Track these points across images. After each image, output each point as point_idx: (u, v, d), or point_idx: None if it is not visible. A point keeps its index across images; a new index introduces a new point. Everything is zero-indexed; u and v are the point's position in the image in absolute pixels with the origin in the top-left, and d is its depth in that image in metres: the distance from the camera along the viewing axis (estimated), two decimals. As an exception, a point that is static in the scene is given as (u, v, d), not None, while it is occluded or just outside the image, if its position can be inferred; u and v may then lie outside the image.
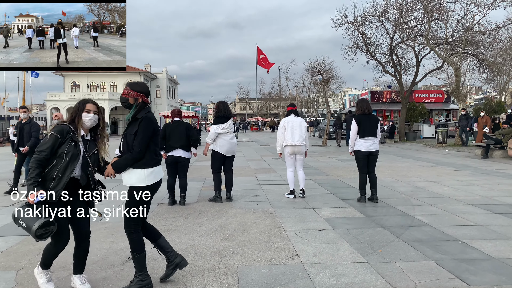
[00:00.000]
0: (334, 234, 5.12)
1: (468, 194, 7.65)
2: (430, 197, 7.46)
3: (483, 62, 23.38)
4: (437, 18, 22.05)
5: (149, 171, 3.49)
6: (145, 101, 3.57)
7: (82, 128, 3.40)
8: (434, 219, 5.80)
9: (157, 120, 9.71)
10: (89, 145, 3.46)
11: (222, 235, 5.13)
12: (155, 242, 3.79)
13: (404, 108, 26.08)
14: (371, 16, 24.54)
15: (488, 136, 15.09)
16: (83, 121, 3.39)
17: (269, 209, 6.58)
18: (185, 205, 6.99)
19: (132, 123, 3.50)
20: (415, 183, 9.03)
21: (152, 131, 3.48)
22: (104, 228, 5.54)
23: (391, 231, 5.20)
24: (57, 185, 3.20)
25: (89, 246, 3.72)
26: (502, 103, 26.77)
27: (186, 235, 5.15)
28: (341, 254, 4.35)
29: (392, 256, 4.25)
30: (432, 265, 3.97)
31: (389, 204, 6.84)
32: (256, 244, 4.71)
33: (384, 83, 53.59)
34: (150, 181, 3.50)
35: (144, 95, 3.56)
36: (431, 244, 4.62)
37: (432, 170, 11.30)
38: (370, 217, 5.99)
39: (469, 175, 10.21)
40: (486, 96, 79.31)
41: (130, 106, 3.54)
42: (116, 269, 3.99)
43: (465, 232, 5.11)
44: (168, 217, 6.17)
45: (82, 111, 3.40)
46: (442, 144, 20.31)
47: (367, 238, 4.92)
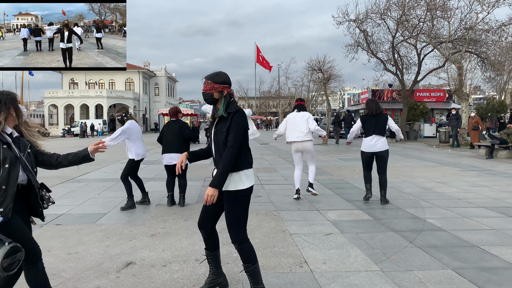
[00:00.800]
0: (343, 238, 4.84)
1: (477, 196, 7.38)
2: (439, 198, 7.19)
3: (485, 61, 23.13)
4: (439, 16, 21.78)
5: (247, 172, 3.09)
6: (231, 92, 3.14)
7: (8, 125, 2.75)
8: (446, 222, 5.53)
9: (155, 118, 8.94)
10: (20, 143, 2.79)
11: (225, 239, 4.82)
12: (214, 252, 3.40)
13: (405, 107, 25.82)
14: (372, 14, 24.27)
15: (493, 136, 14.83)
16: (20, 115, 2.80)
17: (272, 211, 6.29)
18: (184, 206, 6.70)
19: (222, 119, 3.08)
20: (421, 184, 8.76)
21: (245, 125, 3.08)
22: (99, 231, 5.25)
23: (403, 235, 4.92)
24: (4, 200, 2.58)
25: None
26: (504, 102, 26.55)
27: (187, 239, 4.85)
28: (352, 261, 4.07)
29: (407, 263, 3.97)
30: (452, 274, 3.69)
31: (398, 206, 6.56)
32: (261, 250, 4.42)
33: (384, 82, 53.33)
34: (250, 182, 3.10)
35: (229, 85, 3.13)
36: (447, 251, 4.34)
37: (437, 171, 11.03)
38: (379, 220, 5.71)
39: (476, 176, 9.94)
40: (485, 95, 79.16)
41: (216, 101, 3.12)
42: (111, 277, 3.70)
43: (482, 237, 4.83)
44: (167, 219, 5.87)
45: (14, 105, 2.76)
46: (445, 143, 20.05)
47: (378, 243, 4.64)
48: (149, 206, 6.75)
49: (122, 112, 6.83)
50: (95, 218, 5.91)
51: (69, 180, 9.76)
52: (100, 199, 7.38)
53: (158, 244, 4.66)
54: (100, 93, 53.82)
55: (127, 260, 4.14)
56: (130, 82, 60.13)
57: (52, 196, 3.06)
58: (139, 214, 6.21)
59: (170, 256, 4.24)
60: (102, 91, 54.26)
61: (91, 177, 10.29)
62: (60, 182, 9.35)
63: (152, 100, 65.72)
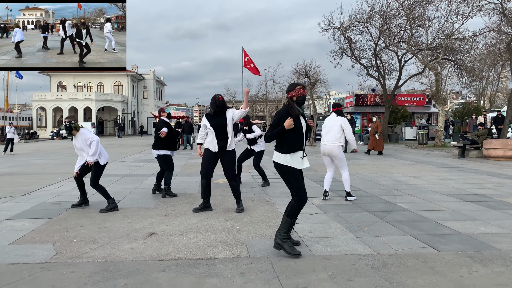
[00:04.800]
0: (325, 217, 5.82)
1: (443, 187, 8.46)
2: (410, 189, 8.25)
3: (461, 68, 24.57)
4: (418, 25, 23.14)
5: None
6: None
7: None
8: (413, 206, 6.56)
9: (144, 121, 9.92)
10: None
11: (227, 217, 5.78)
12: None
13: (387, 111, 27.11)
14: (356, 22, 25.51)
15: (464, 137, 16.08)
16: None
17: (265, 198, 7.25)
18: (185, 193, 7.60)
19: (300, 117, 4.26)
20: (396, 178, 9.83)
21: None
22: (119, 213, 6.13)
23: (375, 214, 5.93)
24: None
25: None
26: (479, 106, 28.07)
27: (195, 217, 5.78)
28: (333, 231, 5.05)
29: (376, 232, 4.97)
30: (410, 238, 4.70)
31: (373, 194, 7.59)
32: (259, 224, 5.37)
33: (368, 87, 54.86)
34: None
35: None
36: (409, 224, 5.36)
37: (413, 168, 12.15)
38: (356, 204, 6.72)
39: (446, 172, 11.07)
40: (466, 101, 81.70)
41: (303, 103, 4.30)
42: (140, 242, 4.60)
43: (439, 215, 5.87)
44: (175, 203, 6.78)
45: None
46: (423, 145, 21.32)
47: (354, 220, 5.64)
48: (156, 195, 7.62)
49: (70, 119, 6.39)
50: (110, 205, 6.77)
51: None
52: (110, 190, 8.19)
53: (172, 221, 5.58)
54: (89, 96, 54.11)
55: (150, 231, 5.05)
56: (119, 85, 60.54)
57: (66, 187, 3.84)
58: (150, 201, 7.10)
59: (184, 228, 5.17)
60: (91, 94, 54.56)
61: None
62: (67, 178, 10.13)
63: (140, 103, 66.17)
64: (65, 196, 7.56)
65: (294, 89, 4.21)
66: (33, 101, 54.19)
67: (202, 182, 6.22)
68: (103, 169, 6.54)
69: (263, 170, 8.83)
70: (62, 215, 5.98)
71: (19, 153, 20.20)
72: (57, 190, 8.25)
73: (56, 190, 8.25)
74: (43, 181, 9.72)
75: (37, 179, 10.19)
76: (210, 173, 6.19)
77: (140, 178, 10.00)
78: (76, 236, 4.86)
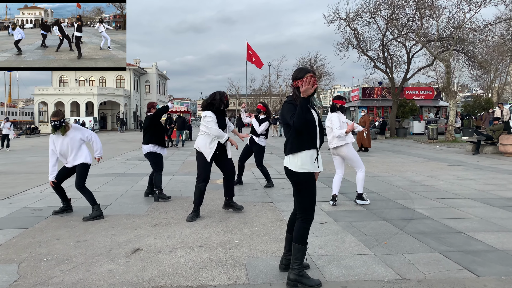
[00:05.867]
0: (337, 227, 5.11)
1: (464, 188, 7.72)
2: (427, 191, 7.51)
3: (472, 60, 23.66)
4: (428, 15, 22.22)
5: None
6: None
7: None
8: (434, 212, 5.84)
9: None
10: None
11: (225, 227, 5.08)
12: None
13: (395, 104, 26.27)
14: (363, 13, 24.64)
15: (479, 132, 15.27)
16: None
17: (269, 202, 6.55)
18: (180, 197, 6.92)
19: (312, 110, 3.44)
20: (411, 178, 9.09)
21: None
22: (104, 221, 5.45)
23: (393, 223, 5.22)
24: None
25: None
26: (490, 100, 27.16)
27: (189, 228, 5.08)
28: (347, 246, 4.34)
29: (397, 248, 4.25)
30: (439, 256, 3.98)
31: (388, 198, 6.87)
32: (261, 237, 4.67)
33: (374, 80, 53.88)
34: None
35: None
36: (434, 236, 4.64)
37: (426, 165, 11.39)
38: (370, 210, 6.00)
39: (463, 170, 10.31)
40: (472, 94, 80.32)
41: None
42: (121, 261, 3.92)
43: (467, 224, 5.14)
44: (168, 210, 6.09)
45: None
46: (433, 140, 20.51)
47: (370, 230, 4.92)
48: (149, 199, 6.94)
49: (59, 117, 5.65)
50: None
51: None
52: (100, 192, 7.56)
53: (162, 232, 4.88)
54: (90, 90, 53.51)
55: (134, 246, 4.36)
56: (121, 80, 59.88)
57: (51, 190, 3.24)
58: (141, 206, 6.41)
59: (175, 243, 4.47)
60: (93, 89, 53.94)
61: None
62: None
63: (143, 98, 65.51)
64: (49, 200, 6.89)
65: (304, 76, 3.26)
66: (35, 95, 53.70)
67: (201, 186, 5.57)
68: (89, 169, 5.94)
69: (266, 169, 8.12)
70: (39, 225, 5.31)
71: (16, 149, 19.60)
72: (42, 193, 7.59)
73: (41, 193, 7.59)
74: (31, 181, 9.07)
75: (26, 179, 9.54)
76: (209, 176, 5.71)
77: (134, 178, 9.32)
78: (49, 253, 4.18)
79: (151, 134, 6.98)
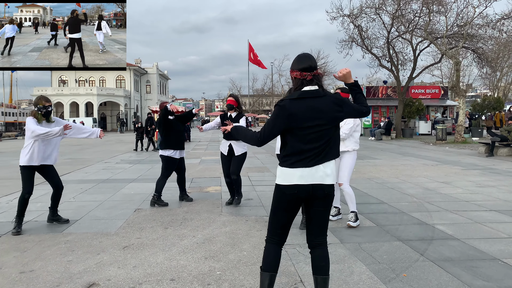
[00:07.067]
0: (343, 250, 4.21)
1: (486, 198, 6.81)
2: (445, 201, 6.60)
3: (481, 57, 22.67)
4: (436, 11, 21.25)
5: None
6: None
7: None
8: (457, 229, 4.93)
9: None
10: None
11: (207, 251, 4.19)
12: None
13: (400, 104, 25.30)
14: (367, 9, 23.69)
15: (493, 133, 14.33)
16: None
17: (263, 217, 5.65)
18: (162, 209, 6.05)
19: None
20: (424, 184, 8.17)
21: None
22: (64, 242, 4.57)
23: (411, 246, 4.31)
24: None
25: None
26: (501, 99, 26.13)
27: (164, 252, 4.20)
28: (356, 279, 3.45)
29: (421, 283, 3.35)
30: (476, 297, 3.08)
31: (401, 210, 5.96)
32: (249, 266, 3.78)
33: (377, 79, 52.95)
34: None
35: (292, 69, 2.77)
36: (465, 265, 3.73)
37: (439, 169, 10.47)
38: (382, 226, 5.10)
39: (479, 175, 9.38)
40: (477, 93, 79.07)
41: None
42: (65, 304, 3.04)
43: (501, 247, 4.23)
44: (145, 226, 5.21)
45: None
46: (442, 141, 19.54)
47: (384, 255, 4.02)
48: (126, 212, 6.07)
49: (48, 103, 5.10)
50: (63, 227, 5.24)
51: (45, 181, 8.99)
52: (74, 203, 6.70)
53: (129, 259, 4.00)
54: (90, 91, 52.77)
55: (90, 280, 3.48)
56: (121, 80, 59.13)
57: None
58: (114, 221, 5.53)
59: (141, 274, 3.58)
60: (92, 89, 53.20)
61: (70, 178, 9.55)
62: (35, 184, 8.59)
63: (143, 98, 64.78)
64: (13, 213, 6.00)
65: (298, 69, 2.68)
66: (34, 96, 52.96)
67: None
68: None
69: (241, 181, 6.38)
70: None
71: (4, 152, 18.79)
72: (9, 204, 6.73)
73: (8, 204, 6.74)
74: (4, 189, 8.21)
75: (0, 185, 8.68)
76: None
77: (117, 186, 8.44)
78: (-21, 289, 3.31)
79: (162, 136, 6.46)
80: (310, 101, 2.62)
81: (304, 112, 2.59)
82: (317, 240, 2.76)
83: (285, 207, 2.68)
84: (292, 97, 2.65)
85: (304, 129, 2.59)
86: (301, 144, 2.60)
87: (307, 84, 2.66)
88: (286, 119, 2.60)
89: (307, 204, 2.71)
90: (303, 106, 2.60)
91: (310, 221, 2.77)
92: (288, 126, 2.61)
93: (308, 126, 2.58)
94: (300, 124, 2.58)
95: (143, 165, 12.30)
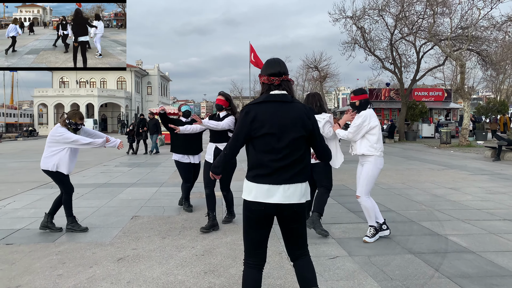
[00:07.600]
0: (352, 264, 3.95)
1: (498, 206, 6.53)
2: (455, 208, 6.33)
3: (486, 60, 22.39)
4: (440, 12, 20.98)
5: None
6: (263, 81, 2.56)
7: None
8: (472, 241, 4.66)
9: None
10: None
11: (207, 265, 3.93)
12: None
13: (404, 106, 25.04)
14: (370, 10, 23.49)
15: (499, 136, 14.05)
16: None
17: (266, 225, 5.37)
18: (160, 216, 5.78)
19: None
20: (431, 190, 7.90)
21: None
22: (56, 253, 4.31)
23: (424, 259, 4.04)
24: None
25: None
26: (505, 102, 25.84)
27: (160, 265, 3.93)
28: (368, 299, 3.18)
29: (439, 303, 3.08)
30: (501, 321, 2.81)
31: (411, 219, 5.69)
32: (252, 282, 3.51)
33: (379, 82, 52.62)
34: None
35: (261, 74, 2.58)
36: (484, 283, 3.46)
37: (445, 174, 10.19)
38: (391, 237, 4.83)
39: (488, 181, 9.10)
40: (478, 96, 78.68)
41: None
42: (51, 327, 2.78)
43: (521, 262, 3.96)
44: (142, 236, 4.94)
45: None
46: (446, 144, 19.26)
47: (396, 271, 3.75)
48: (123, 219, 5.81)
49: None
50: (55, 236, 4.98)
51: (42, 185, 8.77)
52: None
53: (123, 273, 3.73)
54: (91, 92, 52.52)
55: (79, 298, 3.22)
56: (122, 81, 58.93)
57: (16, 205, 2.17)
58: (110, 229, 5.27)
59: (135, 292, 3.32)
60: (93, 90, 52.94)
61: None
62: (31, 188, 8.35)
63: (144, 100, 64.57)
64: (5, 220, 5.78)
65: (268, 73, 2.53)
66: (34, 97, 52.78)
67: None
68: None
69: (232, 197, 5.69)
70: (-26, 258, 4.18)
71: (2, 153, 18.56)
72: (1, 210, 6.47)
73: (1, 210, 6.48)
74: (-2, 193, 7.96)
75: (-6, 190, 8.43)
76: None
77: (114, 190, 8.18)
78: (-40, 308, 3.05)
79: (170, 140, 6.33)
80: (276, 105, 2.41)
81: (269, 116, 2.38)
82: (297, 253, 2.55)
83: (255, 224, 2.44)
84: (257, 101, 2.46)
85: (269, 135, 2.36)
86: (267, 154, 2.37)
87: (274, 88, 2.48)
88: (249, 125, 2.39)
89: (279, 221, 2.49)
90: (269, 110, 2.40)
91: (286, 238, 2.55)
92: (251, 132, 2.39)
93: (272, 133, 2.36)
94: (265, 130, 2.36)
95: (142, 168, 12.04)
